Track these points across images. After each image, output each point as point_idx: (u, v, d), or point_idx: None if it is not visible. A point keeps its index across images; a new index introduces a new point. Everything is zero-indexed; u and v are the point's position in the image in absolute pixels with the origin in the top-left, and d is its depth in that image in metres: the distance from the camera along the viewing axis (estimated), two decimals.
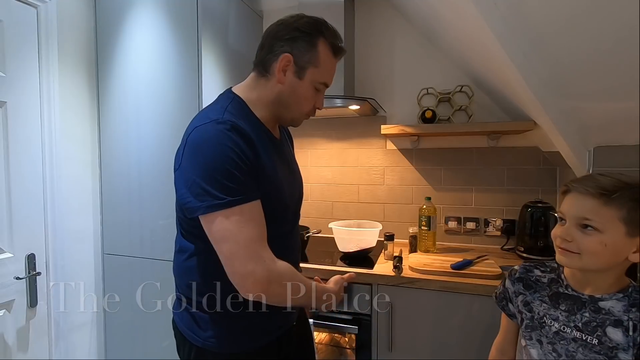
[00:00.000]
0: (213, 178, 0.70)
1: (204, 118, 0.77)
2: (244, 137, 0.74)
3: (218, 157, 0.71)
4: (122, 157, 1.68)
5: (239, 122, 0.76)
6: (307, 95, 0.83)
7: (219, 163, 0.70)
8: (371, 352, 1.37)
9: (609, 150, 1.15)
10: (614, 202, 0.69)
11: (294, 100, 0.83)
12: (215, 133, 0.72)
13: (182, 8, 1.53)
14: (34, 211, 1.45)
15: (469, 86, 1.73)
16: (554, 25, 0.83)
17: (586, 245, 0.71)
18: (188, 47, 1.53)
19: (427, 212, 1.62)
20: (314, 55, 0.81)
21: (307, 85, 0.82)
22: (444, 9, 1.24)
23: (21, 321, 1.41)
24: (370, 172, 1.93)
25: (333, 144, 1.98)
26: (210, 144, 0.72)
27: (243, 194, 0.71)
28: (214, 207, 0.70)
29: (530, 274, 0.86)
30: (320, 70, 0.82)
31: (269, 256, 0.73)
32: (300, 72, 0.81)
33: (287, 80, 0.81)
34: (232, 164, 0.71)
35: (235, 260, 0.70)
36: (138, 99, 1.63)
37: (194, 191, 0.71)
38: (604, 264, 0.72)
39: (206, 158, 0.71)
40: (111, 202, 1.72)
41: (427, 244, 1.62)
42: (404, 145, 1.87)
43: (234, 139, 0.72)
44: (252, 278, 0.70)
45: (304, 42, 0.80)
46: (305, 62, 0.80)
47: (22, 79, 1.39)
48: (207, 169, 0.71)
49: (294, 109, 0.84)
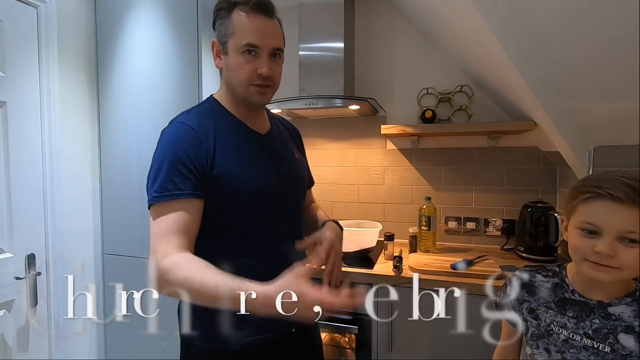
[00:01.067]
0: (155, 172, 0.77)
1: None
2: (192, 132, 0.78)
3: (163, 152, 0.78)
4: (122, 156, 1.68)
5: (196, 119, 0.81)
6: (237, 64, 0.80)
7: (161, 158, 0.77)
8: (371, 352, 1.37)
9: (609, 150, 1.15)
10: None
11: (231, 75, 0.82)
12: (167, 131, 0.81)
13: (182, 8, 1.53)
14: (34, 211, 1.45)
15: (469, 86, 1.73)
16: (554, 26, 0.83)
17: (631, 260, 0.64)
18: (188, 47, 1.53)
19: (427, 212, 1.62)
20: (228, 26, 0.80)
21: (233, 56, 0.80)
22: (444, 9, 1.24)
23: (21, 321, 1.41)
24: (370, 172, 1.93)
25: (333, 144, 1.98)
26: (162, 142, 0.80)
27: (168, 190, 0.75)
28: (149, 200, 0.77)
29: (533, 279, 0.81)
30: (237, 35, 0.79)
31: (162, 251, 0.72)
32: (224, 47, 0.81)
33: (222, 62, 0.83)
34: (174, 159, 0.76)
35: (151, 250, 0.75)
36: (138, 99, 1.63)
37: (147, 184, 0.79)
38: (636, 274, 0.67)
39: (157, 155, 0.79)
40: (111, 202, 1.72)
41: (427, 244, 1.62)
42: (404, 145, 1.87)
43: (181, 135, 0.78)
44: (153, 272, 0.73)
45: (220, 19, 0.81)
46: (223, 37, 0.81)
47: (22, 79, 1.39)
48: (154, 164, 0.78)
49: (235, 83, 0.82)
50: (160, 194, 0.75)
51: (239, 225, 0.81)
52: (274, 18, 0.82)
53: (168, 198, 0.75)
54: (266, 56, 0.80)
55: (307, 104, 1.58)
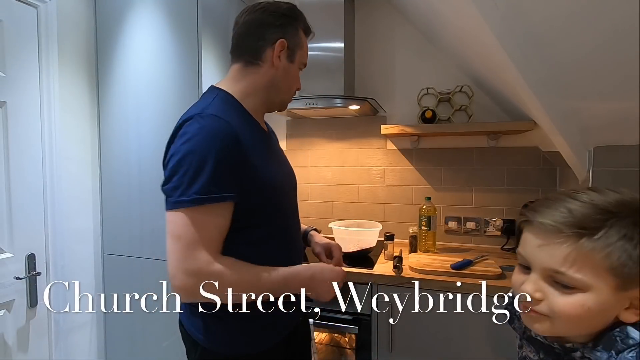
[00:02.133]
0: (190, 171, 0.68)
1: (191, 112, 0.76)
2: (230, 128, 0.72)
3: (202, 149, 0.69)
4: (122, 156, 1.68)
5: (226, 114, 0.75)
6: (295, 76, 0.88)
7: (200, 155, 0.69)
8: (371, 352, 1.37)
9: (609, 150, 1.15)
10: (597, 244, 0.47)
11: (286, 82, 0.86)
12: (202, 124, 0.71)
13: (182, 8, 1.53)
14: (34, 211, 1.45)
15: (469, 86, 1.73)
16: (554, 25, 0.83)
17: (560, 308, 0.50)
18: (188, 47, 1.53)
19: (427, 212, 1.62)
20: (299, 38, 0.86)
21: (296, 67, 0.87)
22: (444, 9, 1.24)
23: (21, 321, 1.41)
24: (370, 172, 1.93)
25: (333, 144, 1.98)
26: (197, 135, 0.70)
27: (211, 193, 0.69)
28: (177, 203, 0.68)
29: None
30: (303, 52, 0.87)
31: (206, 258, 0.69)
32: (292, 55, 0.85)
33: (281, 64, 0.84)
34: (215, 157, 0.69)
35: (171, 256, 0.69)
36: (138, 99, 1.63)
37: (169, 183, 0.71)
38: (583, 329, 0.51)
39: (189, 149, 0.69)
40: (111, 202, 1.72)
41: (427, 244, 1.62)
42: (404, 145, 1.87)
43: (221, 131, 0.71)
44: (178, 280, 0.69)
45: (291, 27, 0.84)
46: (294, 46, 0.85)
47: (22, 79, 1.39)
48: (185, 159, 0.69)
49: (285, 91, 0.88)
50: (203, 197, 0.68)
51: (262, 226, 0.79)
52: None
53: (213, 201, 0.69)
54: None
55: (307, 104, 1.58)
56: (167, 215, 0.70)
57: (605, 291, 0.48)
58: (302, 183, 2.03)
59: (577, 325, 0.51)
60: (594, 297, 0.48)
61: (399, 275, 1.34)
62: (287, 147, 2.05)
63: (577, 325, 0.51)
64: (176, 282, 0.69)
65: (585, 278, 0.48)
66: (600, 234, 0.47)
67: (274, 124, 2.04)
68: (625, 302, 0.49)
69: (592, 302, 0.48)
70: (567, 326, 0.51)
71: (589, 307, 0.48)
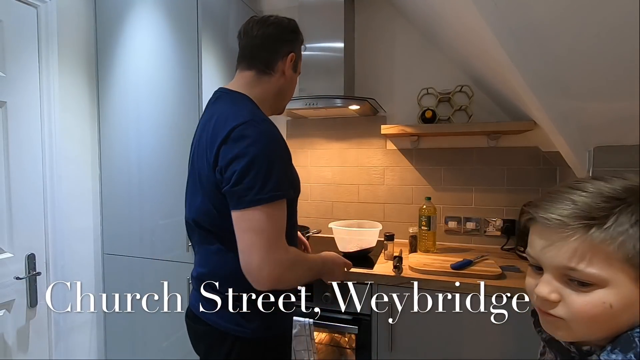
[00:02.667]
0: (264, 172, 0.76)
1: (239, 117, 0.80)
2: (280, 135, 0.84)
3: (272, 152, 0.78)
4: (122, 157, 1.68)
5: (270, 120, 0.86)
6: (296, 83, 1.02)
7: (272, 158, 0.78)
8: (371, 352, 1.37)
9: (609, 150, 1.15)
10: (608, 233, 0.43)
11: (290, 89, 0.99)
12: (265, 129, 0.80)
13: (182, 8, 1.53)
14: (34, 211, 1.45)
15: (469, 86, 1.73)
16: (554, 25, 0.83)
17: (578, 308, 0.45)
18: (188, 47, 1.53)
19: (427, 212, 1.62)
20: (300, 50, 1.00)
21: (297, 76, 1.00)
22: (444, 9, 1.24)
23: (21, 321, 1.41)
24: (370, 172, 1.93)
25: (333, 144, 1.98)
26: (263, 139, 0.78)
27: (281, 191, 0.78)
28: (256, 201, 0.75)
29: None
30: (301, 61, 1.02)
31: (284, 246, 0.80)
32: (296, 66, 0.98)
33: (289, 74, 0.96)
34: (282, 160, 0.81)
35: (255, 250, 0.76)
36: (138, 99, 1.63)
37: (243, 183, 0.76)
38: (607, 330, 0.46)
39: (261, 151, 0.76)
40: (111, 202, 1.72)
41: (427, 244, 1.62)
42: (404, 145, 1.87)
43: (280, 136, 0.83)
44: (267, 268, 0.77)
45: (297, 41, 0.98)
46: (298, 58, 0.99)
47: (22, 79, 1.39)
48: (259, 162, 0.76)
49: (288, 97, 1.01)
50: (277, 193, 0.77)
51: (289, 219, 0.85)
52: None
53: (282, 197, 0.79)
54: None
55: (307, 104, 1.58)
56: (242, 213, 0.77)
57: (626, 284, 0.44)
58: (302, 183, 2.01)
59: (600, 326, 0.46)
60: (614, 293, 0.44)
61: (399, 275, 1.34)
62: None
63: (600, 327, 0.46)
64: (264, 272, 0.76)
65: (600, 272, 0.44)
66: (609, 223, 0.43)
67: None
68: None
69: (613, 298, 0.44)
70: (589, 328, 0.46)
71: (611, 303, 0.44)
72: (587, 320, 0.46)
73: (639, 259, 0.43)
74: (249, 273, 0.78)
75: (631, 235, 0.43)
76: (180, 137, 1.56)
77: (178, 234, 1.59)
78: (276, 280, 0.78)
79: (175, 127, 1.57)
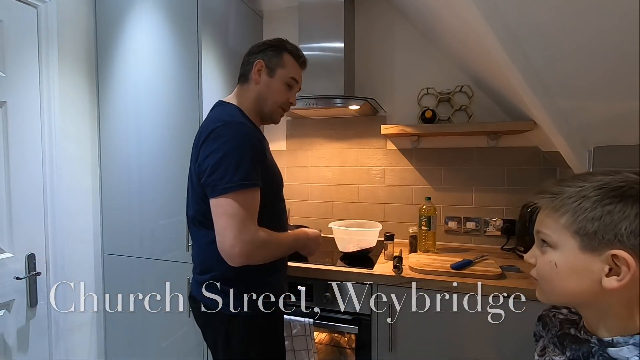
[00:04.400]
0: (233, 163, 0.87)
1: (218, 121, 0.93)
2: (255, 133, 0.95)
3: (239, 147, 0.89)
4: (122, 156, 1.68)
5: (247, 122, 0.98)
6: (279, 89, 1.05)
7: (238, 151, 0.88)
8: (371, 352, 1.37)
9: (609, 150, 1.15)
10: (563, 206, 0.52)
11: (270, 94, 1.05)
12: (236, 128, 0.92)
13: (182, 8, 1.53)
14: (34, 211, 1.45)
15: (469, 86, 1.73)
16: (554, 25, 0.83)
17: (538, 267, 0.56)
18: (188, 47, 1.53)
19: (427, 212, 1.62)
20: (280, 60, 1.04)
21: (279, 81, 1.05)
22: (444, 9, 1.24)
23: (21, 321, 1.41)
24: (370, 172, 1.93)
25: (333, 144, 1.98)
26: (233, 136, 0.90)
27: (250, 180, 0.89)
28: (227, 188, 0.87)
29: (554, 309, 0.66)
30: (287, 69, 1.05)
31: (255, 228, 0.91)
32: (271, 72, 1.04)
33: (262, 80, 1.04)
34: (249, 153, 0.90)
35: (229, 232, 0.87)
36: (138, 99, 1.63)
37: (215, 173, 0.88)
38: (558, 290, 0.54)
39: (230, 146, 0.89)
40: (111, 202, 1.72)
41: (427, 244, 1.62)
42: (404, 145, 1.87)
43: (250, 133, 0.93)
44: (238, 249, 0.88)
45: (271, 51, 1.04)
46: (274, 65, 1.04)
47: (22, 79, 1.39)
48: (227, 155, 0.88)
49: (270, 103, 1.05)
50: (246, 182, 0.88)
51: (267, 207, 0.97)
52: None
53: (252, 186, 0.90)
54: (295, 92, 1.10)
55: (307, 104, 1.58)
56: (217, 200, 0.88)
57: (570, 250, 0.52)
58: (302, 183, 2.03)
59: (550, 285, 0.55)
60: (559, 254, 0.53)
61: (398, 275, 1.34)
62: (287, 147, 2.05)
63: (552, 286, 0.55)
64: (237, 249, 0.87)
65: (551, 234, 0.53)
66: (563, 196, 0.53)
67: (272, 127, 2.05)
68: (604, 267, 0.49)
69: (558, 258, 0.53)
70: (546, 287, 0.55)
71: (555, 262, 0.53)
72: (542, 279, 0.56)
73: (582, 229, 0.50)
74: (223, 252, 0.89)
75: (573, 207, 0.51)
76: (180, 137, 1.56)
77: (178, 234, 1.59)
78: (247, 257, 0.89)
79: (175, 127, 1.57)
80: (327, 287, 1.40)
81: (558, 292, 0.55)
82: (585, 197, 0.50)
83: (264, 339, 1.02)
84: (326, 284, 1.40)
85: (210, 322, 1.03)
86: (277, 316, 1.07)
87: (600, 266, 0.49)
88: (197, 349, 1.60)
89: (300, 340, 1.33)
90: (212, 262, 0.98)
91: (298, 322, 1.34)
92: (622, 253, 0.47)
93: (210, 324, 1.04)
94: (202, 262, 1.03)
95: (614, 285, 0.49)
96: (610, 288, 0.49)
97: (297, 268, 1.43)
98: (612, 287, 0.49)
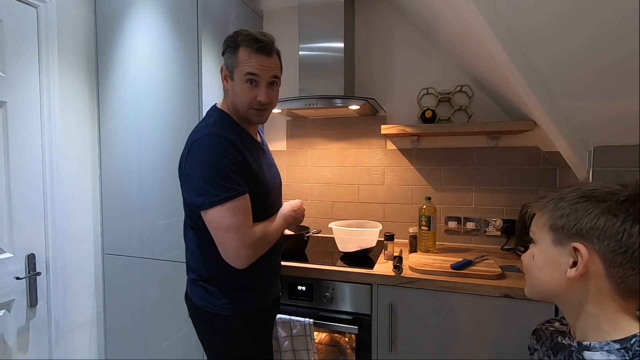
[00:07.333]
0: (211, 180, 0.92)
1: (199, 132, 0.98)
2: (231, 144, 0.95)
3: (214, 163, 0.92)
4: (122, 157, 1.68)
5: (226, 132, 0.98)
6: (241, 91, 1.02)
7: (214, 167, 0.92)
8: (371, 352, 1.37)
9: (609, 150, 1.15)
10: (545, 207, 0.60)
11: (236, 98, 1.04)
12: (210, 143, 0.94)
13: (182, 8, 1.53)
14: (34, 211, 1.45)
15: (469, 86, 1.73)
16: (554, 25, 0.83)
17: (523, 260, 0.64)
18: (188, 47, 1.53)
19: (427, 212, 1.62)
20: (236, 58, 1.01)
21: (238, 82, 1.02)
22: (444, 9, 1.24)
23: (21, 321, 1.41)
24: (370, 172, 1.93)
25: (333, 144, 1.98)
26: (208, 153, 0.93)
27: (234, 191, 0.93)
28: (213, 202, 0.91)
29: (547, 323, 0.69)
30: (241, 67, 1.01)
31: (250, 229, 0.96)
32: (231, 75, 1.03)
33: (229, 85, 1.05)
34: (224, 167, 0.92)
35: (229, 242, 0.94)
36: (138, 99, 1.63)
37: (198, 192, 0.93)
38: (536, 282, 0.61)
39: (205, 165, 0.93)
40: (111, 202, 1.72)
41: (427, 244, 1.62)
42: (404, 145, 1.87)
43: (225, 146, 0.94)
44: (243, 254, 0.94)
45: (228, 52, 1.03)
46: (232, 66, 1.02)
47: (22, 79, 1.39)
48: (207, 173, 0.92)
49: (238, 105, 1.04)
50: (229, 194, 0.92)
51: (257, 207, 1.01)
52: (273, 54, 1.03)
53: (238, 195, 0.94)
54: (264, 85, 1.02)
55: (307, 104, 1.58)
56: (208, 215, 0.93)
57: (546, 244, 0.59)
58: (302, 183, 2.03)
59: (530, 276, 0.62)
60: (537, 248, 0.61)
61: (399, 275, 1.34)
62: (287, 147, 2.05)
63: (530, 277, 0.62)
64: (242, 255, 0.94)
65: (535, 230, 0.62)
66: (545, 199, 0.61)
67: (274, 124, 2.05)
68: (569, 260, 0.55)
69: (536, 251, 0.61)
70: (528, 279, 0.62)
71: (533, 254, 0.61)
72: (525, 270, 0.63)
73: (555, 225, 0.57)
74: (229, 261, 0.95)
75: (550, 207, 0.59)
76: (180, 137, 1.55)
77: (178, 234, 1.57)
78: (252, 258, 0.96)
79: (175, 127, 1.57)
80: (327, 287, 1.40)
81: (536, 284, 0.62)
82: (562, 198, 0.58)
83: (247, 337, 1.07)
84: (326, 284, 1.40)
85: (198, 319, 1.09)
86: (262, 316, 1.12)
87: (566, 259, 0.56)
88: (197, 349, 1.60)
89: (300, 340, 1.33)
90: (198, 263, 1.06)
91: (298, 322, 1.34)
92: (578, 245, 0.54)
93: (197, 321, 1.10)
94: (190, 262, 1.10)
95: (571, 275, 0.54)
96: (569, 277, 0.55)
97: (297, 268, 1.43)
98: (571, 276, 0.54)
